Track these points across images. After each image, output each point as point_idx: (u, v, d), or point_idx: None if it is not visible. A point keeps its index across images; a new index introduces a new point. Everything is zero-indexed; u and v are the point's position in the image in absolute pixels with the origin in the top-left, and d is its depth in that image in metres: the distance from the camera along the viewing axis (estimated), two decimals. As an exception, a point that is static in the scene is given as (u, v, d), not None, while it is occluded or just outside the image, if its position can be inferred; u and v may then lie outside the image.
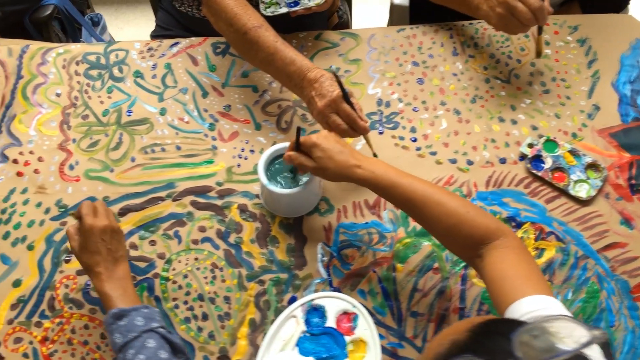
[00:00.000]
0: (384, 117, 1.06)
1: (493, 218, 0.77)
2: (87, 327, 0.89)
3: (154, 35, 1.33)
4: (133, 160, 1.02)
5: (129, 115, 1.07)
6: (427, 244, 0.93)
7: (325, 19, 1.34)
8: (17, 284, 0.91)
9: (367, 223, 0.95)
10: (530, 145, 1.01)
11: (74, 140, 1.04)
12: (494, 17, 1.00)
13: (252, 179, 1.00)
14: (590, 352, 0.49)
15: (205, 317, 0.89)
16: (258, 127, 1.06)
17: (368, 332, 0.82)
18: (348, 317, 0.84)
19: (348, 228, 0.95)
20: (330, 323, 0.83)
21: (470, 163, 1.01)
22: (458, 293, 0.89)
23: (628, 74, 1.10)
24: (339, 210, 0.97)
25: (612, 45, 1.13)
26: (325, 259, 0.93)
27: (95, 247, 0.80)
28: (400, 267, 0.91)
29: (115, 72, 1.12)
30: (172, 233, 0.95)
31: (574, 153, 1.00)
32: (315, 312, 0.85)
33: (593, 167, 0.99)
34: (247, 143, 1.04)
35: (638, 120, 1.04)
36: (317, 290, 0.90)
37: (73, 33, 1.70)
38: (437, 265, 0.91)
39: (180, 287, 0.91)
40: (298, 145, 0.86)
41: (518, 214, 0.95)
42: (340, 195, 0.98)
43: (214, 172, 1.01)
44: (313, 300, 0.85)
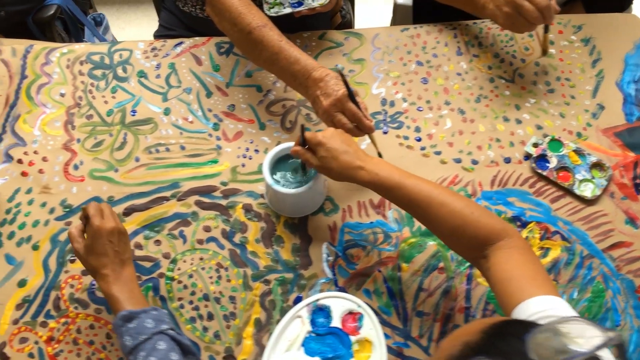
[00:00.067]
0: (388, 116, 1.06)
1: (498, 218, 0.77)
2: (92, 327, 0.88)
3: (158, 35, 1.33)
4: (137, 160, 1.02)
5: (133, 115, 1.07)
6: (432, 244, 0.93)
7: (329, 19, 1.34)
8: (22, 284, 0.91)
9: (372, 223, 0.95)
10: (535, 145, 1.01)
11: (79, 140, 1.04)
12: (501, 16, 1.00)
13: (256, 179, 1.00)
14: (602, 353, 0.48)
15: (211, 316, 0.89)
16: (262, 126, 1.06)
17: (373, 332, 0.82)
18: (353, 317, 0.84)
19: (353, 228, 0.95)
20: (336, 323, 0.83)
21: (475, 162, 1.01)
22: (463, 293, 0.89)
23: (632, 74, 1.10)
24: (344, 210, 0.97)
25: (616, 45, 1.13)
26: (331, 259, 0.93)
27: (103, 249, 0.80)
28: (406, 266, 0.91)
29: (119, 72, 1.12)
30: (177, 233, 0.95)
31: (579, 152, 1.00)
32: (321, 312, 0.85)
33: (598, 166, 0.99)
34: (251, 143, 1.04)
35: (643, 120, 1.05)
36: (322, 290, 0.90)
37: (76, 33, 1.70)
38: (442, 265, 0.91)
39: (186, 286, 0.91)
40: (304, 141, 0.86)
41: (523, 214, 0.95)
42: (345, 195, 0.98)
43: (219, 171, 1.01)
44: (318, 301, 0.85)
